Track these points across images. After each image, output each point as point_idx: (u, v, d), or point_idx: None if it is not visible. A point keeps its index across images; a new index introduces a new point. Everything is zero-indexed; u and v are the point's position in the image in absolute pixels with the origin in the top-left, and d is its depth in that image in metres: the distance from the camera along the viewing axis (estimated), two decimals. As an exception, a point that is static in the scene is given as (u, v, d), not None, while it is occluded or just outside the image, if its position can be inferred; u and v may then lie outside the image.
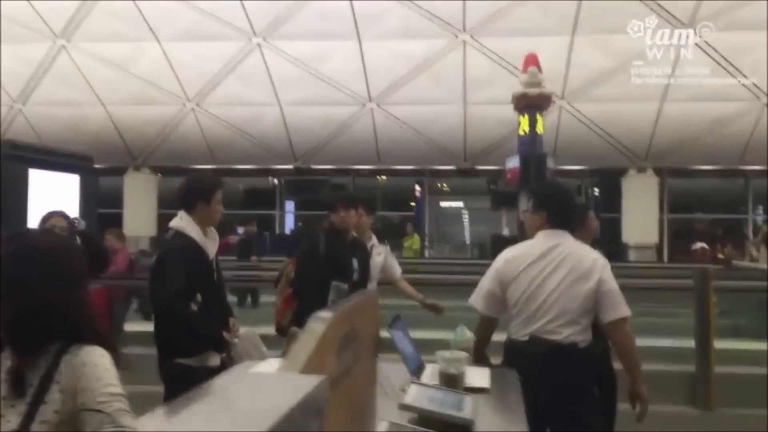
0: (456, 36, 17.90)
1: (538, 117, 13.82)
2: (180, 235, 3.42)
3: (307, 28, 17.73)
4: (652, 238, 19.54)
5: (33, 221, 7.29)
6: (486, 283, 3.11)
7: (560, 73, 17.88)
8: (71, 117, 19.66)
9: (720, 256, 17.85)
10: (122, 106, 19.64)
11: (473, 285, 3.23)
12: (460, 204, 24.58)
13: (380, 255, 5.02)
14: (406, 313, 3.81)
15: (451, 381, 2.26)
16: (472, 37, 17.84)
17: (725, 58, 17.13)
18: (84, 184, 16.78)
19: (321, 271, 3.95)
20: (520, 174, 13.81)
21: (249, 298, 11.76)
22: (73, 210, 16.19)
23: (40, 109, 19.80)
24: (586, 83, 18.07)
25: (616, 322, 2.91)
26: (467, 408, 1.94)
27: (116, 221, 19.57)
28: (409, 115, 19.20)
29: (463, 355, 2.32)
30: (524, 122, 13.89)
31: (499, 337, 3.28)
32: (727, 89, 17.28)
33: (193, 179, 3.71)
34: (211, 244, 3.53)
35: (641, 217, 19.54)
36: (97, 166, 19.30)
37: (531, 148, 13.68)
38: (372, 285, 4.62)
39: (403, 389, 2.28)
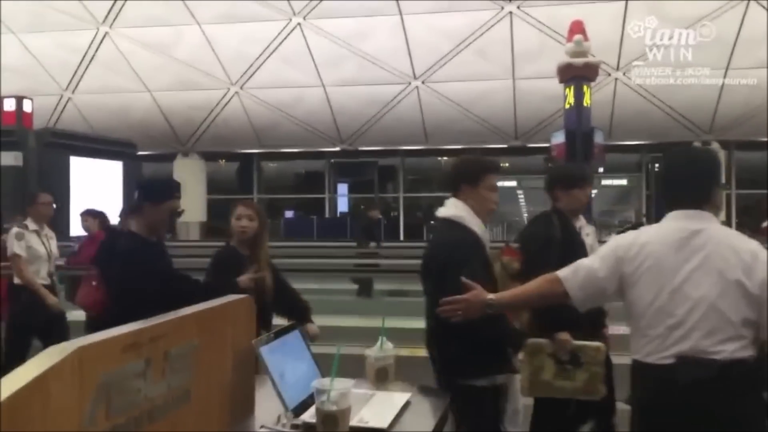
0: (502, 7, 17.06)
1: (585, 89, 12.93)
2: (455, 225, 2.85)
3: (346, 5, 17.22)
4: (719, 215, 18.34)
5: (75, 209, 7.15)
6: (599, 269, 2.25)
7: (615, 42, 16.84)
8: (119, 104, 19.76)
9: (793, 234, 16.58)
10: (167, 92, 19.63)
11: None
12: (513, 183, 23.77)
13: (588, 236, 4.38)
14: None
15: (329, 421, 1.74)
16: (518, 7, 16.97)
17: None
18: (127, 171, 16.89)
19: (557, 262, 3.27)
20: (566, 150, 12.99)
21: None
22: (116, 197, 16.31)
23: (88, 98, 19.96)
24: (643, 53, 16.95)
25: None
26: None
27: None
28: (455, 93, 18.51)
29: (347, 383, 1.79)
30: (570, 95, 13.04)
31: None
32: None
33: (462, 159, 3.20)
34: (486, 237, 2.92)
35: (705, 193, 18.34)
36: (146, 152, 19.48)
37: (577, 122, 12.83)
38: None
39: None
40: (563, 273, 2.33)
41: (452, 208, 2.91)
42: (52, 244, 5.68)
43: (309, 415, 1.88)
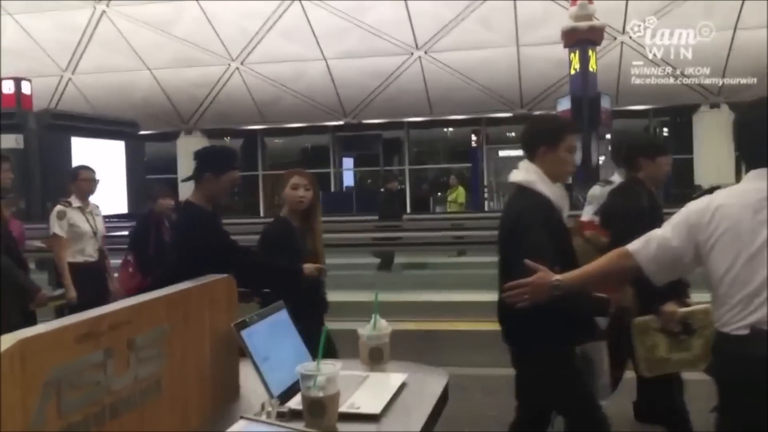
0: (504, -28, 16.75)
1: (591, 53, 12.67)
2: (528, 191, 2.67)
3: (345, -24, 16.96)
4: (728, 179, 18.05)
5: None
6: (672, 238, 2.10)
7: (620, 5, 16.51)
8: (119, 83, 19.59)
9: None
10: (167, 70, 19.44)
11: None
12: (519, 152, 23.51)
13: None
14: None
15: (316, 408, 1.61)
16: (521, -28, 16.66)
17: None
18: (129, 151, 16.77)
19: None
20: (572, 117, 12.76)
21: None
22: (119, 177, 16.19)
23: (89, 78, 19.80)
24: (648, 16, 16.60)
25: None
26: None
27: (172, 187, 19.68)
28: (459, 62, 18.25)
29: (334, 367, 1.65)
30: (575, 60, 12.79)
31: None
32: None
33: (538, 119, 3.04)
34: (564, 202, 2.75)
35: (715, 157, 18.05)
36: (148, 132, 19.35)
37: (583, 87, 12.59)
38: None
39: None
40: (634, 246, 2.17)
41: (523, 172, 2.71)
42: (98, 220, 5.46)
43: (296, 402, 1.75)
